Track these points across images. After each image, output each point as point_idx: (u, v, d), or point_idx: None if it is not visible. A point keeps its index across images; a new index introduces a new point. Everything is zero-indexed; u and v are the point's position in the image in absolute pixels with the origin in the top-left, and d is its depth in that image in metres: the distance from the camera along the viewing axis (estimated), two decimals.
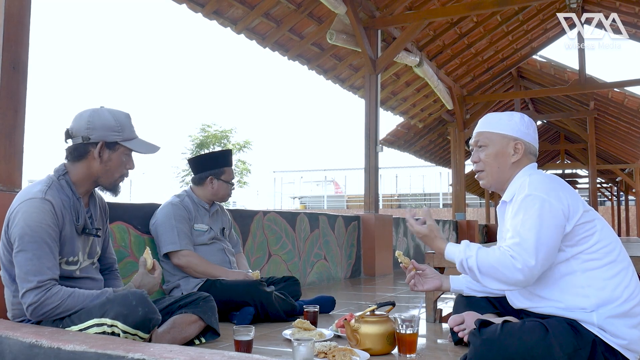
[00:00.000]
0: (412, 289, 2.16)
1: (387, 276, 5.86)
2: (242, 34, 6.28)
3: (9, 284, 1.95)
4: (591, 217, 1.76)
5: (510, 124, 1.89)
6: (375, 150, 6.22)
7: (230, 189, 3.16)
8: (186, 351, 1.46)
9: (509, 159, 1.87)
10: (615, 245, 1.77)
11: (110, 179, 2.08)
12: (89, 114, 2.04)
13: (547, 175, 1.85)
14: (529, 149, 1.89)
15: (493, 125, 1.91)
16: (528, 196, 1.72)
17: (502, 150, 1.88)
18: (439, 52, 8.95)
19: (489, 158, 1.90)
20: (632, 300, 1.68)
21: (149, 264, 2.12)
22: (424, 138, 12.90)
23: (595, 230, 1.74)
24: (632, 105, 10.75)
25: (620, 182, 20.09)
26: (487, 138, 1.91)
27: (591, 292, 1.69)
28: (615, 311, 1.66)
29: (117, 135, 2.05)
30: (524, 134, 1.88)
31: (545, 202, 1.69)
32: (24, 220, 1.86)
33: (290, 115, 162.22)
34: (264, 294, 2.82)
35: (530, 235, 1.67)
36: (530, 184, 1.76)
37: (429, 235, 1.89)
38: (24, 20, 2.51)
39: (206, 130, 22.75)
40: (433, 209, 28.60)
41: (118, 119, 2.06)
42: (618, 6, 8.60)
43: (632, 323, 1.67)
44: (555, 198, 1.71)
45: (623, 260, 1.75)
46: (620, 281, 1.69)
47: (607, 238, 1.75)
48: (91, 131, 2.01)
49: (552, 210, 1.69)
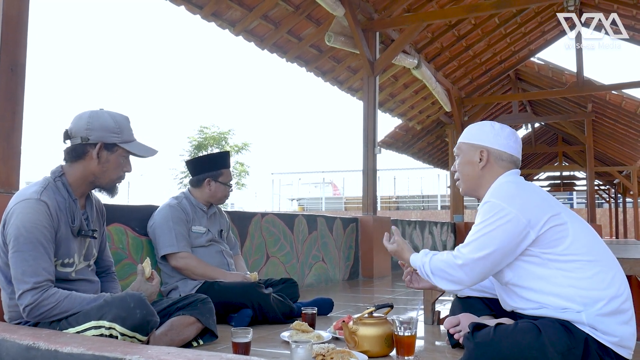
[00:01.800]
0: (407, 285, 2.20)
1: (385, 278, 5.86)
2: (241, 36, 6.28)
3: (5, 286, 1.95)
4: (562, 219, 1.77)
5: (477, 133, 2.00)
6: (374, 152, 6.23)
7: (228, 190, 3.16)
8: (184, 353, 1.46)
9: (477, 167, 1.97)
10: (594, 244, 1.78)
11: (107, 180, 2.08)
12: (88, 115, 2.04)
13: (516, 182, 1.89)
14: (499, 156, 1.95)
15: (464, 136, 2.04)
16: (486, 203, 1.82)
17: (469, 158, 1.99)
18: (437, 54, 8.97)
19: (460, 166, 2.03)
20: (619, 297, 1.69)
21: (147, 272, 2.12)
22: (422, 140, 12.91)
23: (567, 232, 1.76)
24: (630, 108, 10.77)
25: (618, 185, 20.12)
26: (459, 148, 2.04)
27: (573, 292, 1.71)
28: (604, 310, 1.67)
29: (116, 137, 2.05)
30: (491, 142, 1.96)
31: (503, 210, 1.77)
32: (20, 221, 1.86)
33: (288, 117, 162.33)
34: (262, 296, 2.81)
35: (477, 236, 1.79)
36: (494, 191, 1.86)
37: (398, 249, 2.11)
38: (22, 22, 2.51)
39: (204, 132, 22.72)
40: (431, 211, 28.63)
41: (117, 121, 2.07)
42: (615, 9, 8.62)
43: (622, 319, 1.69)
44: (515, 206, 1.76)
45: (603, 258, 1.77)
46: (602, 279, 1.71)
47: (583, 238, 1.77)
48: (90, 132, 2.01)
49: (508, 217, 1.75)
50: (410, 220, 7.66)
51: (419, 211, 28.87)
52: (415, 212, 28.52)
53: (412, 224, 7.65)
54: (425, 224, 8.21)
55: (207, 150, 21.96)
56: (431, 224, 8.54)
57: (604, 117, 12.38)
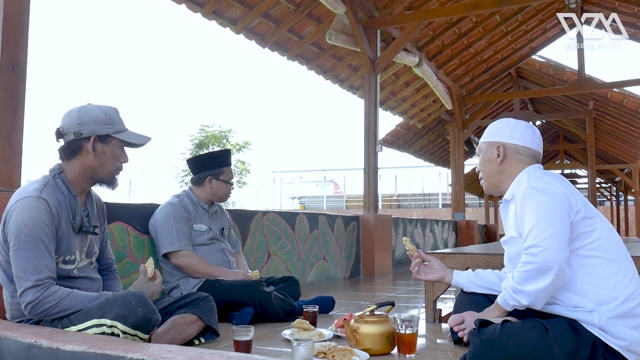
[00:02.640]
0: (414, 276, 2.23)
1: (387, 276, 5.86)
2: (242, 34, 6.28)
3: (6, 284, 1.95)
4: (592, 213, 1.77)
5: (493, 131, 2.03)
6: (375, 151, 6.22)
7: (229, 189, 3.16)
8: (185, 351, 1.45)
9: (495, 163, 1.99)
10: (616, 244, 1.77)
11: (106, 172, 2.08)
12: (77, 111, 2.04)
13: (545, 172, 1.90)
14: (516, 150, 1.96)
15: (483, 136, 2.08)
16: (527, 188, 1.80)
17: (488, 156, 2.02)
18: (438, 52, 8.95)
19: (481, 165, 2.05)
20: (632, 300, 1.68)
21: (150, 272, 2.12)
22: (423, 138, 12.89)
23: (595, 226, 1.75)
24: (631, 105, 10.75)
25: (620, 182, 20.09)
26: (479, 148, 2.08)
27: (590, 289, 1.69)
28: (616, 311, 1.66)
29: (109, 127, 2.06)
30: (507, 137, 1.98)
31: (546, 191, 1.75)
32: (20, 218, 1.86)
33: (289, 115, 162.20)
34: (263, 294, 2.81)
35: (535, 220, 1.71)
36: (529, 178, 1.85)
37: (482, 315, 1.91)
38: (22, 21, 2.51)
39: (205, 130, 22.73)
40: (432, 209, 28.61)
41: (107, 112, 2.08)
42: (617, 6, 8.60)
43: (633, 324, 1.67)
44: (555, 186, 1.77)
45: (624, 259, 1.75)
46: (620, 280, 1.70)
47: (607, 236, 1.76)
48: (82, 126, 2.01)
49: (554, 197, 1.74)
50: (411, 219, 7.66)
51: (420, 209, 28.84)
52: (416, 210, 28.48)
53: (413, 222, 7.65)
54: (426, 222, 8.21)
55: (208, 149, 21.96)
56: (432, 222, 8.54)
57: (605, 114, 12.35)
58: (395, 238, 6.83)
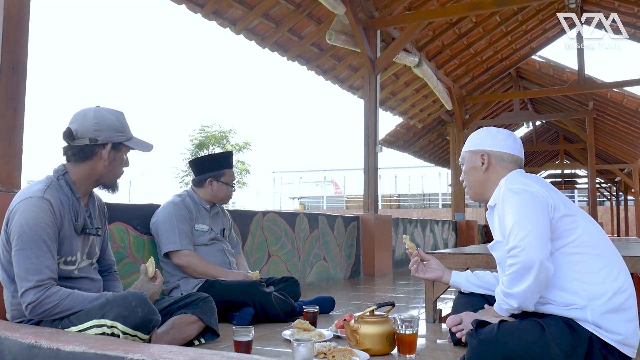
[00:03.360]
0: (412, 274, 2.24)
1: (387, 276, 5.86)
2: (242, 35, 6.28)
3: (8, 285, 1.95)
4: (573, 211, 1.80)
5: (476, 140, 2.06)
6: (375, 151, 6.22)
7: (230, 191, 3.16)
8: (185, 352, 1.46)
9: (480, 171, 2.02)
10: (601, 239, 1.80)
11: (112, 178, 2.11)
12: (93, 115, 2.04)
13: (525, 175, 1.95)
14: (500, 157, 1.99)
15: (465, 146, 2.11)
16: (505, 191, 1.83)
17: (472, 164, 2.04)
18: (438, 52, 8.95)
19: (466, 174, 2.08)
20: (622, 294, 1.70)
21: (150, 272, 2.12)
22: (423, 138, 12.90)
23: (577, 224, 1.78)
24: (631, 106, 10.75)
25: (620, 182, 20.10)
26: (462, 157, 2.10)
27: (579, 286, 1.71)
28: (607, 306, 1.67)
29: (122, 135, 2.08)
30: (490, 145, 2.02)
31: (523, 192, 1.79)
32: (23, 219, 1.87)
33: (289, 115, 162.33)
34: (263, 295, 2.81)
35: (513, 220, 1.74)
36: (507, 182, 1.89)
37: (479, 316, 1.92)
38: (23, 21, 2.51)
39: (206, 130, 22.74)
40: (432, 209, 28.61)
41: (119, 119, 2.10)
42: (617, 6, 8.60)
43: (626, 317, 1.69)
44: (532, 187, 1.80)
45: (610, 253, 1.78)
46: (608, 274, 1.72)
47: (591, 232, 1.79)
48: (99, 132, 2.03)
49: (530, 196, 1.77)
50: (411, 219, 7.66)
51: (420, 209, 28.86)
52: (416, 210, 28.50)
53: (413, 222, 7.65)
54: (426, 222, 8.21)
55: (208, 149, 21.97)
56: (432, 222, 8.54)
57: (605, 114, 12.36)
58: (395, 238, 6.83)
